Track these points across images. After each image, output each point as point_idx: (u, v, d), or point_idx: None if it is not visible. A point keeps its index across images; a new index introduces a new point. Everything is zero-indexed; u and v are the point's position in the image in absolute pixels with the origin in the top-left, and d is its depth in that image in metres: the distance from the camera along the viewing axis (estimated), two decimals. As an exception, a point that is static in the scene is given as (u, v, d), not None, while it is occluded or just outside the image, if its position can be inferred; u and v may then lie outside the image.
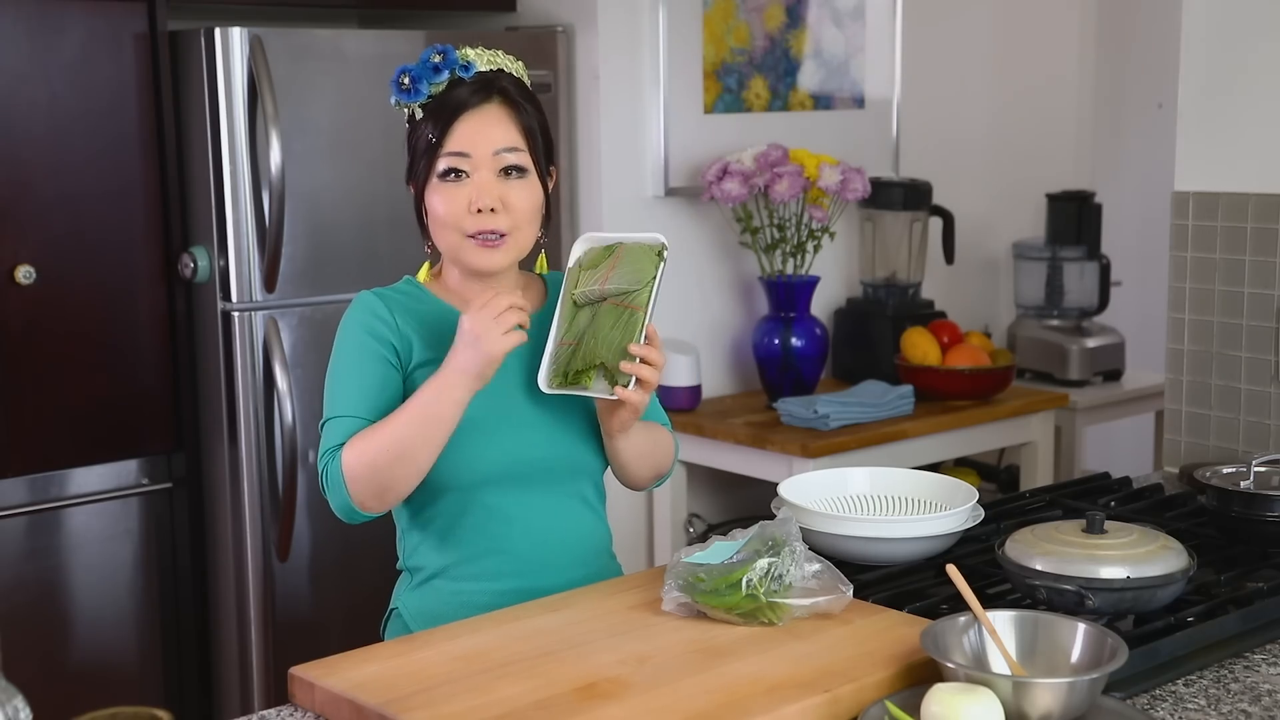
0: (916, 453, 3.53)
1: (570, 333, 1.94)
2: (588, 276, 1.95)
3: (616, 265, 1.94)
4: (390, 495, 1.90)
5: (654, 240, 1.95)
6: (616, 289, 1.92)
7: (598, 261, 1.96)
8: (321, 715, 1.65)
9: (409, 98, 1.96)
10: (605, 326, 1.92)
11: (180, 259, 3.23)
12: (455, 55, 1.95)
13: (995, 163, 4.45)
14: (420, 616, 1.98)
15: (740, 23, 3.81)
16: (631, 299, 1.92)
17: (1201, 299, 2.72)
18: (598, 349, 1.91)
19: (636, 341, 1.90)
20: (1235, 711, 1.63)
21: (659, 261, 1.93)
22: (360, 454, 1.87)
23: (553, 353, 1.94)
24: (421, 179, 1.97)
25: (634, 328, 1.90)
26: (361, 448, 1.88)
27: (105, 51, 3.11)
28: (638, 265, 1.94)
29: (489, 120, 1.95)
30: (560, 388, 1.92)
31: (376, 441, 1.87)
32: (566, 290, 1.96)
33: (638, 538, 3.73)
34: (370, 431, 1.89)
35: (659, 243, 1.95)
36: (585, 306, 1.94)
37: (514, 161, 1.95)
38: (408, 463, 1.88)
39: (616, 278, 1.93)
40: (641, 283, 1.92)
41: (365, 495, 1.89)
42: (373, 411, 1.92)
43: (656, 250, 1.94)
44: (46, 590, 3.18)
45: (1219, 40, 2.70)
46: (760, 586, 1.78)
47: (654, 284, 1.92)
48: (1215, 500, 2.16)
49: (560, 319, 1.95)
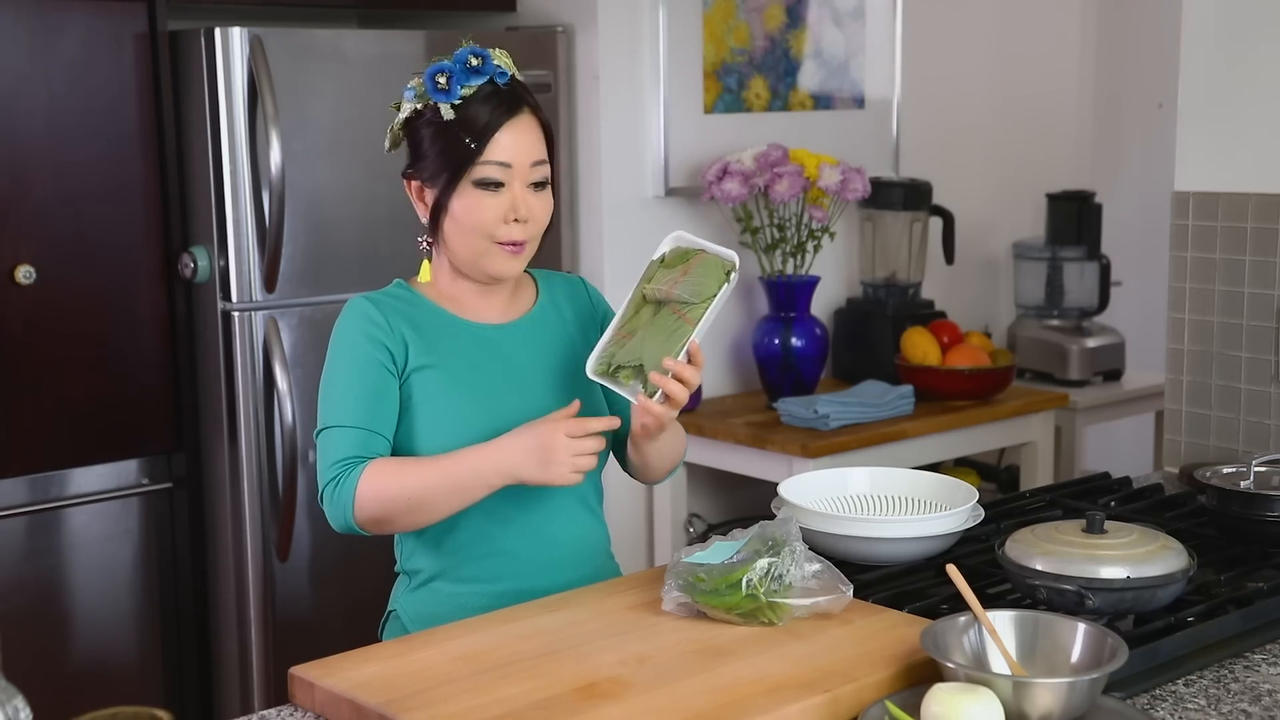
0: (916, 453, 3.53)
1: (629, 325, 1.94)
2: (663, 274, 1.96)
3: (689, 272, 1.94)
4: (390, 529, 1.95)
5: (729, 258, 1.95)
6: (680, 296, 1.93)
7: (676, 263, 1.97)
8: (321, 715, 1.65)
9: (444, 97, 1.95)
10: (657, 330, 1.92)
11: (180, 259, 3.22)
12: (493, 62, 1.95)
13: (995, 163, 4.45)
14: (418, 619, 1.98)
15: (740, 23, 3.81)
16: (688, 311, 1.92)
17: (1201, 299, 2.72)
18: (642, 351, 1.91)
19: (675, 356, 1.89)
20: (1235, 711, 1.63)
21: (724, 281, 1.93)
22: (379, 489, 1.89)
23: (607, 340, 1.94)
24: (445, 181, 1.95)
25: (678, 340, 1.90)
26: (383, 484, 1.89)
27: (105, 51, 3.11)
28: (705, 278, 1.94)
29: (526, 132, 1.96)
30: (600, 376, 1.92)
31: (399, 485, 1.89)
32: (641, 282, 1.97)
33: (638, 538, 3.73)
34: (396, 470, 1.90)
35: (731, 261, 1.95)
36: (651, 303, 1.95)
37: (544, 175, 1.98)
38: (421, 515, 1.92)
39: (684, 284, 1.93)
40: (700, 297, 1.92)
41: (367, 523, 1.92)
42: (371, 421, 1.92)
43: (726, 269, 1.94)
44: (46, 590, 3.17)
45: (1219, 40, 2.70)
46: (760, 586, 1.78)
47: (712, 302, 1.92)
48: (1215, 500, 2.16)
49: (626, 308, 1.96)
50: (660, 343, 1.90)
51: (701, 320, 1.91)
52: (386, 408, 1.94)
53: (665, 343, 1.90)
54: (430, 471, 1.89)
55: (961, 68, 4.36)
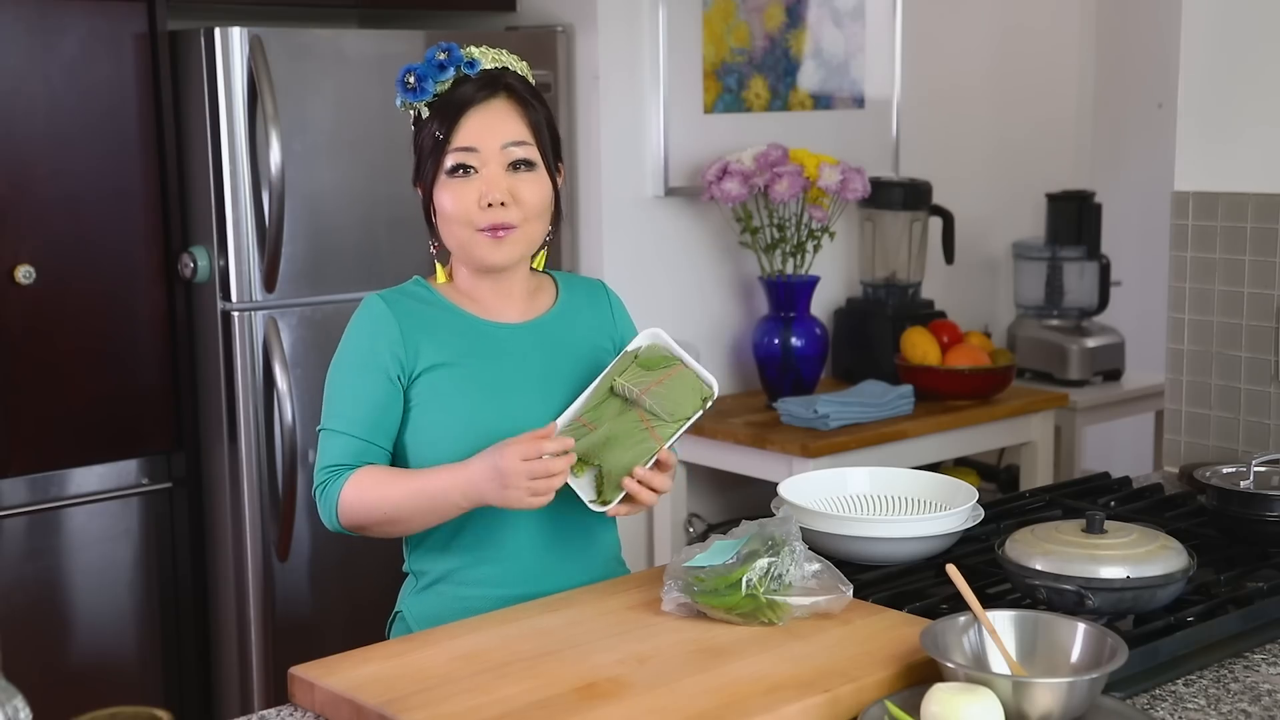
0: (916, 453, 3.53)
1: (593, 414, 1.93)
2: (635, 373, 1.95)
3: (664, 383, 1.94)
4: (372, 535, 1.98)
5: (708, 383, 1.96)
6: (651, 408, 1.92)
7: (652, 366, 1.96)
8: (321, 715, 1.65)
9: (415, 97, 1.96)
10: (621, 436, 1.91)
11: (180, 259, 3.22)
12: (460, 53, 1.95)
13: (995, 163, 4.45)
14: (424, 620, 1.98)
15: (740, 23, 3.81)
16: (658, 427, 1.92)
17: (1201, 299, 2.72)
18: (604, 453, 1.91)
19: (645, 466, 1.90)
20: (1235, 711, 1.63)
21: (700, 406, 1.94)
22: (358, 500, 1.92)
23: (568, 422, 1.93)
24: (429, 178, 1.96)
25: (645, 453, 1.91)
26: (363, 496, 1.92)
27: (105, 51, 3.11)
28: (680, 397, 1.94)
29: (496, 115, 1.95)
30: None
31: (377, 498, 1.91)
32: (611, 372, 1.96)
33: (638, 538, 3.73)
34: (377, 483, 1.92)
35: (710, 388, 1.95)
36: (618, 398, 1.94)
37: (522, 155, 1.95)
38: (398, 527, 1.95)
39: (657, 395, 1.93)
40: (674, 418, 1.93)
41: (351, 527, 1.96)
42: (369, 431, 1.94)
43: (704, 396, 1.95)
44: (46, 590, 3.17)
45: (1219, 40, 2.70)
46: (760, 586, 1.78)
47: (684, 424, 1.93)
48: (1215, 500, 2.16)
49: (591, 395, 1.95)
50: (623, 450, 1.90)
51: (671, 439, 1.92)
52: (387, 418, 1.95)
53: (629, 451, 1.90)
54: (405, 489, 1.91)
55: (961, 68, 4.36)
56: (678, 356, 1.98)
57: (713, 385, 1.96)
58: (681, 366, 1.97)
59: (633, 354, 1.98)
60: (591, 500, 1.91)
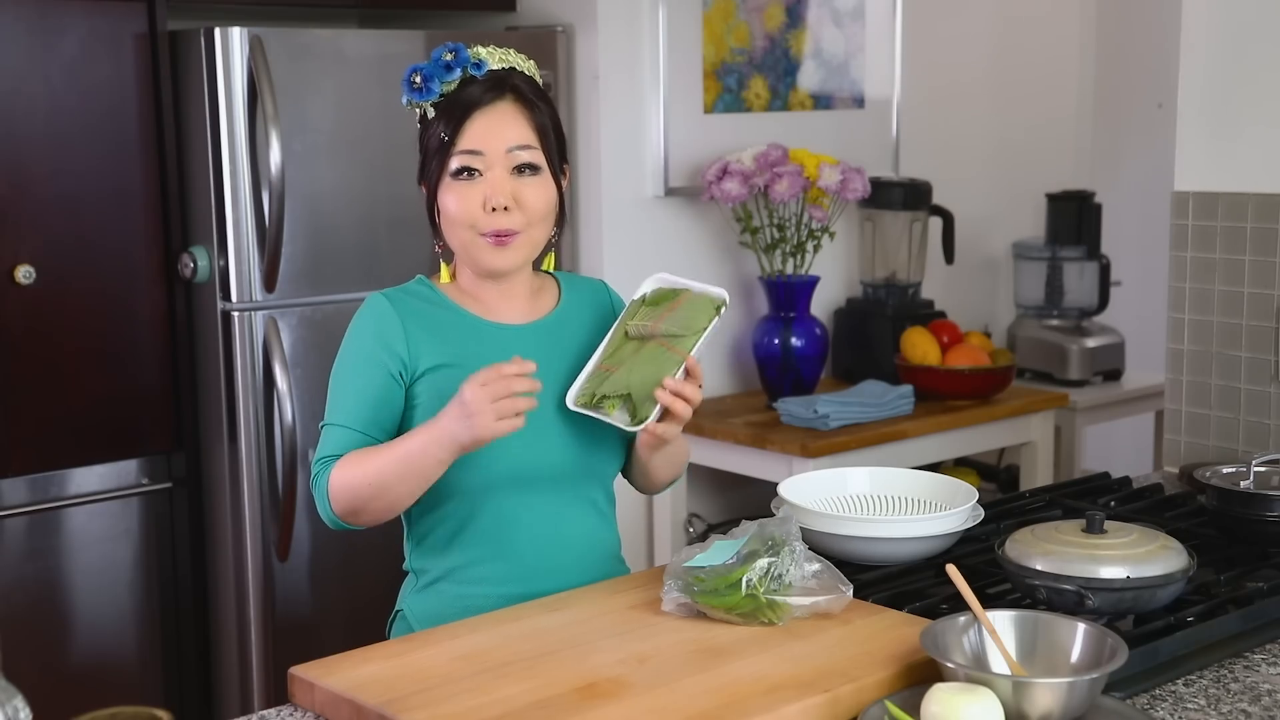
0: (916, 453, 3.53)
1: (612, 359, 1.96)
2: (646, 312, 1.98)
3: (675, 309, 1.98)
4: (365, 519, 1.94)
5: (717, 295, 1.98)
6: (666, 331, 1.95)
7: (660, 301, 2.00)
8: (321, 715, 1.65)
9: (421, 96, 1.96)
10: (645, 362, 1.94)
11: (180, 259, 3.23)
12: (467, 53, 1.95)
13: (995, 163, 4.45)
14: (425, 619, 1.98)
15: (740, 23, 3.81)
16: (677, 343, 1.94)
17: (1201, 299, 2.72)
18: (629, 380, 1.92)
19: (672, 377, 1.91)
20: (1235, 711, 1.63)
21: (714, 315, 1.97)
22: (344, 478, 1.90)
23: (589, 373, 1.96)
24: (434, 178, 1.96)
25: (670, 366, 1.92)
26: (348, 473, 1.90)
27: (105, 51, 3.11)
28: (693, 313, 1.97)
29: (502, 118, 1.94)
30: (583, 407, 1.93)
31: (360, 472, 1.89)
32: (623, 320, 1.99)
33: (638, 538, 3.73)
34: (360, 459, 1.90)
35: (721, 298, 1.98)
36: (634, 340, 1.97)
37: (527, 159, 1.95)
38: (384, 499, 1.90)
39: (671, 320, 1.96)
40: (691, 330, 1.95)
41: (344, 513, 1.93)
42: (368, 425, 1.94)
43: (716, 305, 1.97)
44: (46, 590, 3.17)
45: (1219, 40, 2.70)
46: (760, 586, 1.78)
47: (702, 334, 1.95)
48: (1215, 500, 2.16)
49: (607, 344, 1.98)
50: (649, 372, 1.92)
51: (692, 349, 1.94)
52: (386, 412, 1.95)
53: (656, 370, 1.92)
54: (386, 455, 1.89)
55: (961, 68, 4.36)
56: (684, 287, 2.01)
57: (723, 295, 1.98)
58: (689, 293, 2.00)
59: (640, 299, 2.01)
60: (629, 425, 1.91)
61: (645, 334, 1.96)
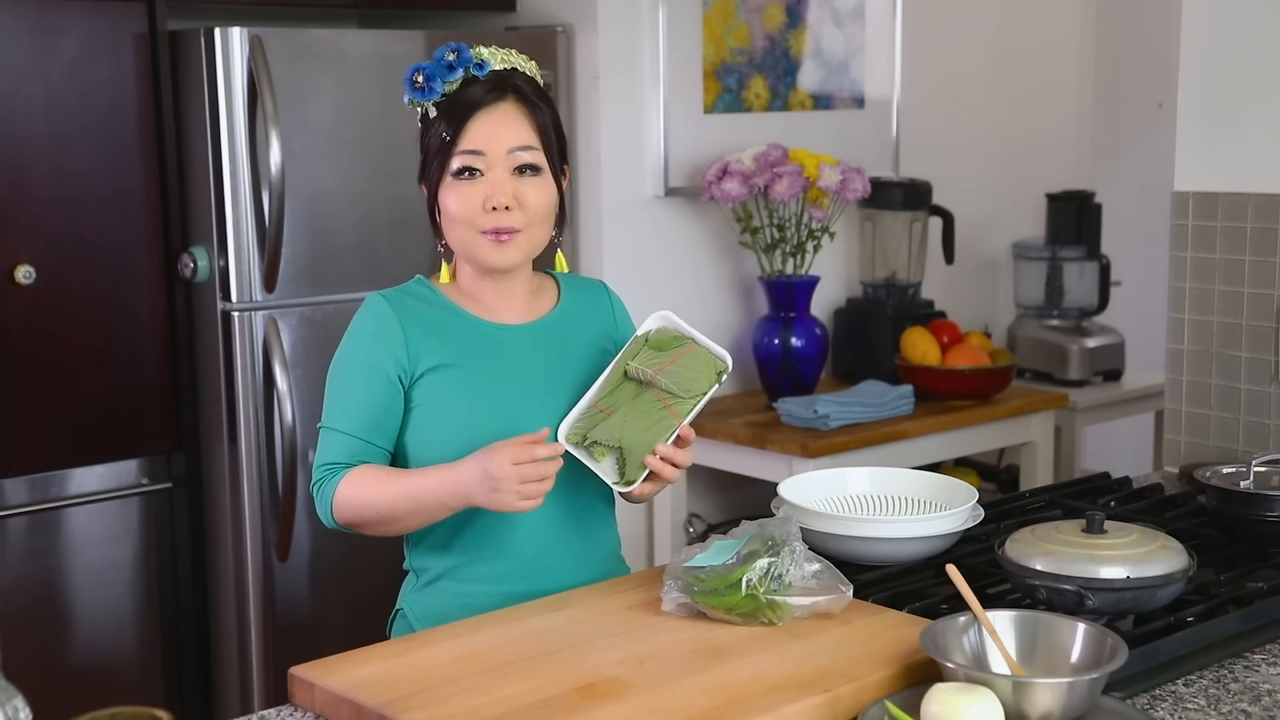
0: (916, 453, 3.53)
1: (608, 399, 1.95)
2: (648, 355, 1.97)
3: (678, 361, 1.96)
4: (365, 533, 1.98)
5: (721, 358, 1.98)
6: (666, 386, 1.94)
7: (663, 346, 1.98)
8: (321, 715, 1.65)
9: (423, 96, 1.96)
10: (639, 416, 1.93)
11: (180, 259, 3.22)
12: (469, 53, 1.95)
13: (995, 163, 4.45)
14: (425, 618, 1.98)
15: (740, 23, 3.81)
16: (675, 404, 1.94)
17: (1201, 299, 2.72)
18: (623, 434, 1.92)
19: (665, 443, 1.91)
20: (1235, 711, 1.63)
21: (715, 381, 1.96)
22: (353, 497, 1.93)
23: (584, 409, 1.95)
24: (435, 178, 1.97)
25: (665, 430, 1.92)
26: (358, 493, 1.93)
27: (105, 51, 3.11)
28: (695, 373, 1.96)
29: (504, 118, 1.95)
30: (576, 447, 1.93)
31: (370, 498, 1.92)
32: (623, 357, 1.98)
33: (638, 538, 3.73)
34: (371, 483, 1.92)
35: (724, 362, 1.97)
36: (632, 382, 1.96)
37: (528, 160, 1.95)
38: (391, 527, 1.96)
39: (672, 374, 1.95)
40: (690, 394, 1.95)
41: (345, 525, 1.97)
42: (369, 431, 1.95)
43: (718, 370, 1.97)
44: (46, 590, 3.17)
45: (1219, 40, 2.70)
46: (760, 586, 1.78)
47: (701, 399, 1.95)
48: (1215, 500, 2.16)
49: (605, 381, 1.96)
50: (643, 429, 1.92)
51: (689, 414, 1.93)
52: (387, 418, 1.96)
53: (649, 431, 1.92)
54: (396, 489, 1.92)
55: (961, 68, 4.36)
56: (689, 335, 2.00)
57: (726, 360, 1.98)
58: (693, 345, 1.99)
59: (643, 338, 1.99)
60: (615, 482, 1.92)
61: (644, 379, 1.95)
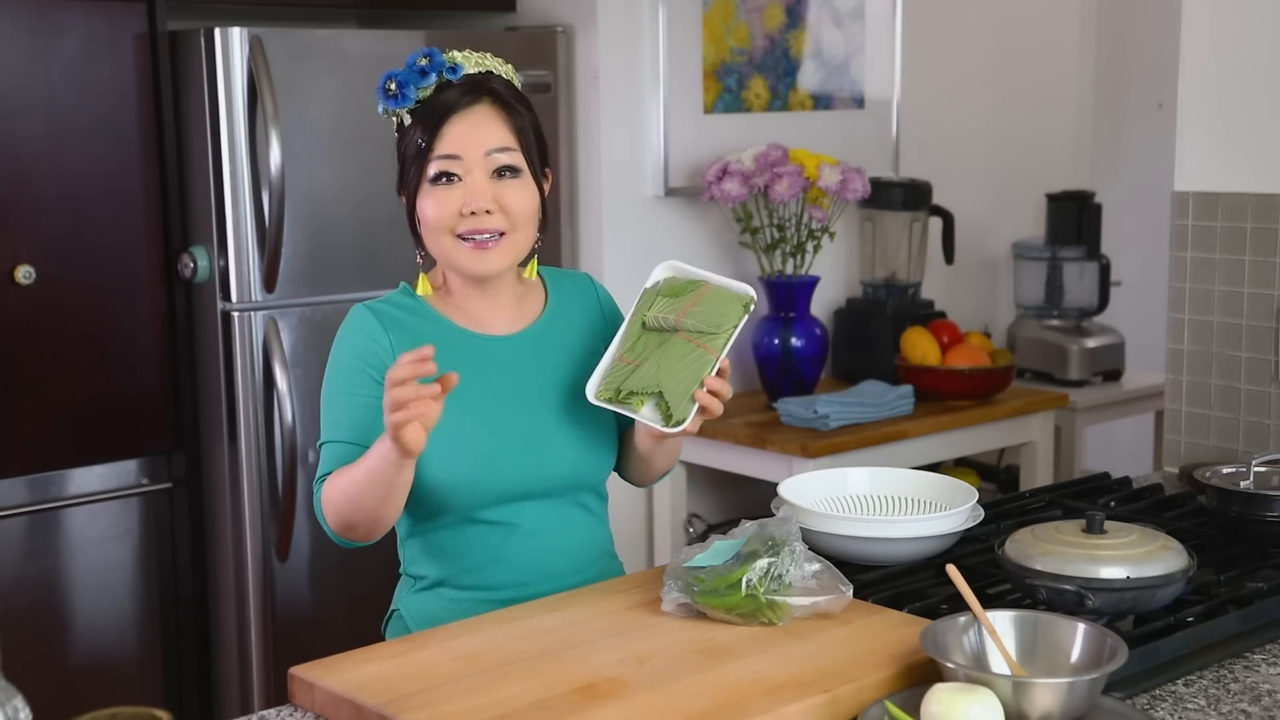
0: (916, 453, 3.53)
1: (632, 352, 1.92)
2: (664, 304, 1.94)
3: (699, 302, 1.93)
4: (359, 533, 1.91)
5: (744, 291, 1.94)
6: (694, 326, 1.91)
7: (678, 292, 1.95)
8: (321, 715, 1.65)
9: (396, 104, 1.95)
10: (674, 360, 1.89)
11: (180, 259, 3.23)
12: (441, 58, 1.93)
13: (995, 163, 4.45)
14: (421, 620, 1.98)
15: (740, 23, 3.81)
16: (708, 340, 1.91)
17: (1201, 299, 2.72)
18: (661, 378, 1.88)
19: (710, 375, 1.88)
20: (1235, 711, 1.63)
21: (743, 313, 1.93)
22: (331, 498, 1.89)
23: (608, 367, 1.91)
24: (413, 185, 1.95)
25: (704, 366, 1.89)
26: (332, 493, 1.89)
27: (105, 51, 3.11)
28: (721, 309, 1.93)
29: (479, 121, 1.92)
30: (609, 403, 1.89)
31: (339, 489, 1.87)
32: (638, 311, 1.95)
33: (638, 538, 3.73)
34: (338, 476, 1.88)
35: (749, 295, 1.94)
36: (654, 331, 1.92)
37: (507, 161, 1.93)
38: (365, 512, 1.86)
39: (696, 314, 1.92)
40: (722, 328, 1.91)
41: (339, 531, 1.91)
42: (359, 435, 1.91)
43: (744, 302, 1.94)
44: (46, 590, 3.18)
45: (1219, 40, 2.70)
46: (760, 586, 1.78)
47: (734, 331, 1.92)
48: (1215, 500, 2.16)
49: (624, 336, 1.94)
50: (682, 370, 1.89)
51: (724, 348, 1.90)
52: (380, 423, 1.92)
53: (689, 369, 1.89)
54: (355, 468, 1.85)
55: (961, 68, 4.36)
56: (702, 278, 1.97)
57: (750, 292, 1.94)
58: (710, 285, 1.96)
59: (654, 289, 1.97)
60: (665, 425, 1.88)
61: (667, 327, 1.92)
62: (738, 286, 1.95)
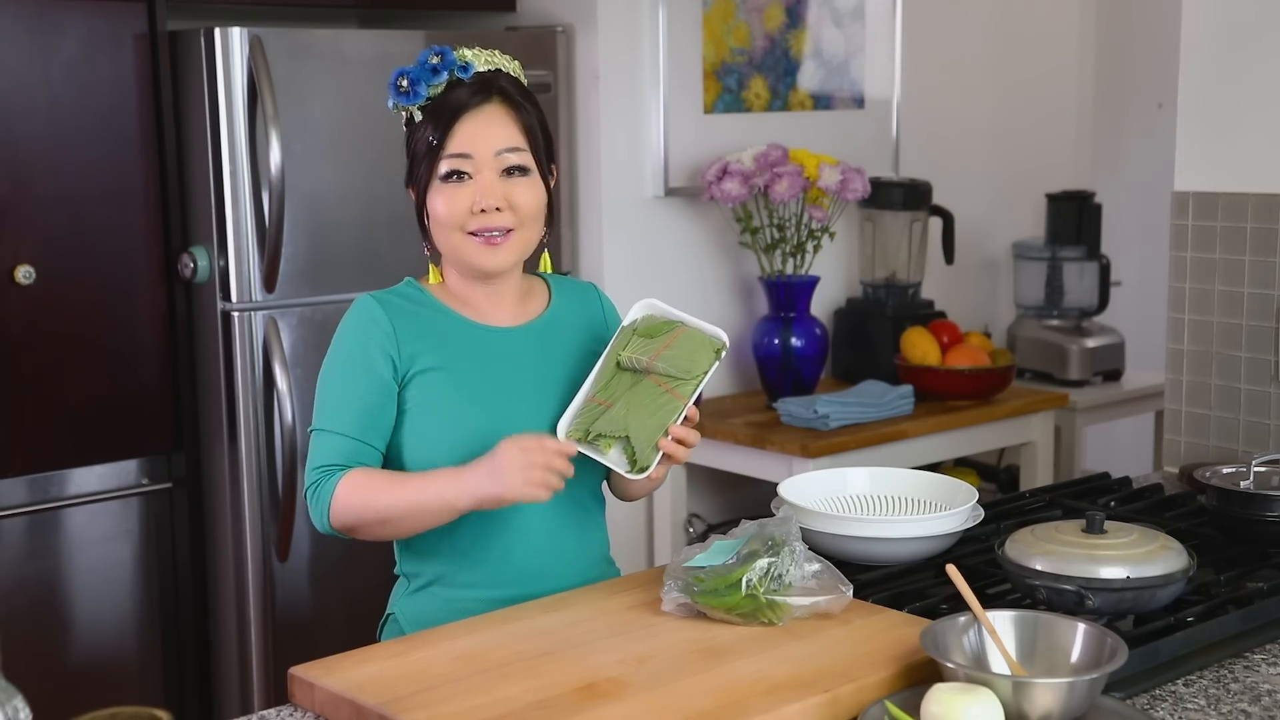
0: (916, 453, 3.53)
1: (605, 392, 1.92)
2: (639, 344, 1.94)
3: (672, 345, 1.94)
4: (361, 536, 1.95)
5: (716, 336, 1.95)
6: (664, 370, 1.92)
7: (654, 333, 1.95)
8: (321, 715, 1.65)
9: (407, 100, 1.96)
10: (642, 403, 1.90)
11: (180, 259, 3.23)
12: (453, 56, 1.95)
13: (995, 163, 4.45)
14: (416, 622, 1.97)
15: (740, 23, 3.81)
16: (677, 386, 1.91)
17: (1201, 299, 2.72)
18: (628, 423, 1.89)
19: (675, 423, 1.90)
20: (1235, 711, 1.63)
21: (714, 359, 1.94)
22: (351, 501, 1.90)
23: (580, 406, 1.92)
24: (423, 182, 1.97)
25: (672, 413, 1.90)
26: (355, 497, 1.90)
27: (105, 51, 3.11)
28: (693, 354, 1.93)
29: (490, 120, 1.94)
30: (579, 443, 1.90)
31: (369, 500, 1.89)
32: (613, 349, 1.95)
33: (638, 538, 3.73)
34: (372, 487, 1.90)
35: (721, 340, 1.95)
36: (627, 371, 1.93)
37: (516, 161, 1.95)
38: (389, 529, 1.93)
39: (668, 358, 1.92)
40: (692, 375, 1.92)
41: (341, 529, 1.94)
42: (364, 431, 1.93)
43: (716, 348, 1.94)
44: (46, 590, 3.17)
45: (1219, 40, 2.70)
46: (760, 586, 1.78)
47: (703, 378, 1.92)
48: (1215, 500, 2.16)
49: (598, 375, 1.94)
50: (648, 415, 1.89)
51: (693, 394, 1.91)
52: (381, 418, 1.94)
53: (654, 415, 1.89)
54: (400, 492, 1.89)
55: (961, 68, 4.36)
56: (678, 319, 1.97)
57: (722, 337, 1.95)
58: (685, 328, 1.96)
59: (630, 327, 1.97)
60: (628, 470, 1.89)
61: (640, 368, 1.92)
62: (712, 331, 1.96)
